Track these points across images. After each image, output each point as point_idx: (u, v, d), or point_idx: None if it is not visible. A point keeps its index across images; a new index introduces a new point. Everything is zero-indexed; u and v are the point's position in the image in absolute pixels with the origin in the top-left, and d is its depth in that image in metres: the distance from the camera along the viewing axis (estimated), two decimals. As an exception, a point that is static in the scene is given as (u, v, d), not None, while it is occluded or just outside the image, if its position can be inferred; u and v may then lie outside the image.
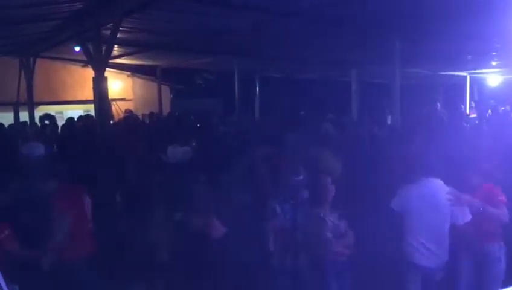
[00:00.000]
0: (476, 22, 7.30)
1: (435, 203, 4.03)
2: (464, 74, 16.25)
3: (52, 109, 13.54)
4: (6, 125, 9.84)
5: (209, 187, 4.33)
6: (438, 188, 4.10)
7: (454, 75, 16.40)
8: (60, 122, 11.06)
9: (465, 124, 11.30)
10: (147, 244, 4.09)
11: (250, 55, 12.23)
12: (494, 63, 13.41)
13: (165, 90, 16.86)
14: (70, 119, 11.02)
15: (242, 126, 10.21)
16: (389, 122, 9.51)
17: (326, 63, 13.49)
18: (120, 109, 14.84)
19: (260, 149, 5.60)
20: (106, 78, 7.15)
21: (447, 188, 4.08)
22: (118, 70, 15.56)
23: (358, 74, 14.01)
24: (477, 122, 12.96)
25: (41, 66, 12.27)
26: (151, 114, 12.64)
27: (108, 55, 7.22)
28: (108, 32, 6.99)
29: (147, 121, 12.28)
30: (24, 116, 11.94)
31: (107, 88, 7.18)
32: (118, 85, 16.16)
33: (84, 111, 14.05)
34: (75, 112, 14.03)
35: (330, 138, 7.48)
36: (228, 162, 5.38)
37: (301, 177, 4.28)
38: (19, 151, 6.22)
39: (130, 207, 4.85)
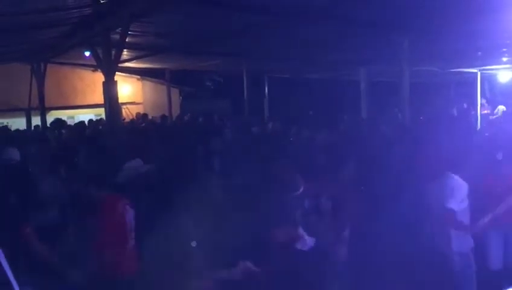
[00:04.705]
0: (485, 18, 7.24)
1: None
2: (475, 70, 16.10)
3: (63, 114, 13.69)
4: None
5: None
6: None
7: (464, 72, 16.25)
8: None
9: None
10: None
11: (258, 56, 12.25)
12: (504, 59, 13.29)
13: (175, 92, 16.96)
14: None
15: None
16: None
17: (334, 62, 13.46)
18: (131, 113, 14.96)
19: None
20: (116, 82, 7.21)
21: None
22: (127, 74, 15.67)
23: (367, 72, 13.95)
24: (491, 117, 12.90)
25: (52, 71, 12.42)
26: (164, 117, 12.67)
27: (118, 59, 7.28)
28: (117, 36, 7.05)
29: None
30: (36, 121, 12.09)
31: (117, 92, 7.25)
32: (127, 89, 16.29)
33: (96, 115, 14.19)
34: (87, 116, 14.16)
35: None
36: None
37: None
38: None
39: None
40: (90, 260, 3.57)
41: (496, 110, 14.01)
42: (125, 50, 9.36)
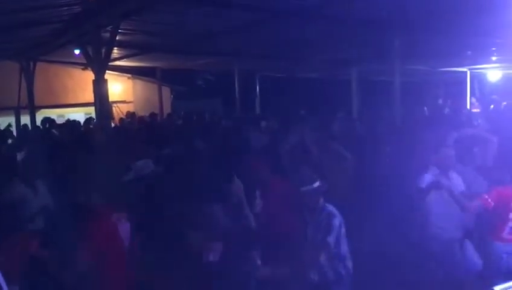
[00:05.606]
0: (475, 17, 7.29)
1: None
2: (464, 69, 16.25)
3: (53, 113, 13.54)
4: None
5: None
6: None
7: (454, 71, 16.40)
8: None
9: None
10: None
11: (250, 55, 12.23)
12: (494, 58, 13.42)
13: (166, 91, 16.85)
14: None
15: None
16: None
17: (326, 61, 13.48)
18: (121, 111, 14.86)
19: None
20: (106, 80, 7.15)
21: None
22: (118, 73, 15.57)
23: (359, 71, 13.99)
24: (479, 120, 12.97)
25: (42, 69, 12.29)
26: (153, 115, 12.58)
27: (108, 57, 7.22)
28: (107, 34, 7.00)
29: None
30: (25, 120, 11.96)
31: (107, 90, 7.19)
32: (118, 87, 16.18)
33: (86, 114, 14.08)
34: (77, 115, 14.05)
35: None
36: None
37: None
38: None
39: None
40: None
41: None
42: (115, 48, 9.30)
